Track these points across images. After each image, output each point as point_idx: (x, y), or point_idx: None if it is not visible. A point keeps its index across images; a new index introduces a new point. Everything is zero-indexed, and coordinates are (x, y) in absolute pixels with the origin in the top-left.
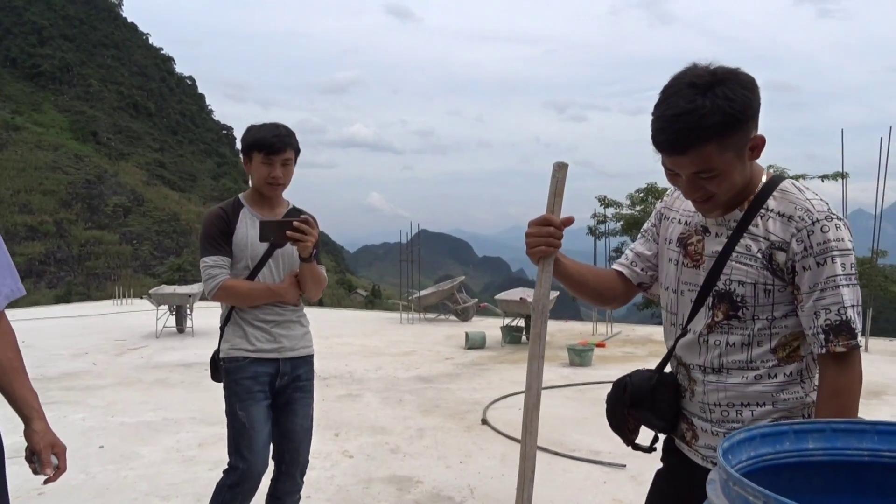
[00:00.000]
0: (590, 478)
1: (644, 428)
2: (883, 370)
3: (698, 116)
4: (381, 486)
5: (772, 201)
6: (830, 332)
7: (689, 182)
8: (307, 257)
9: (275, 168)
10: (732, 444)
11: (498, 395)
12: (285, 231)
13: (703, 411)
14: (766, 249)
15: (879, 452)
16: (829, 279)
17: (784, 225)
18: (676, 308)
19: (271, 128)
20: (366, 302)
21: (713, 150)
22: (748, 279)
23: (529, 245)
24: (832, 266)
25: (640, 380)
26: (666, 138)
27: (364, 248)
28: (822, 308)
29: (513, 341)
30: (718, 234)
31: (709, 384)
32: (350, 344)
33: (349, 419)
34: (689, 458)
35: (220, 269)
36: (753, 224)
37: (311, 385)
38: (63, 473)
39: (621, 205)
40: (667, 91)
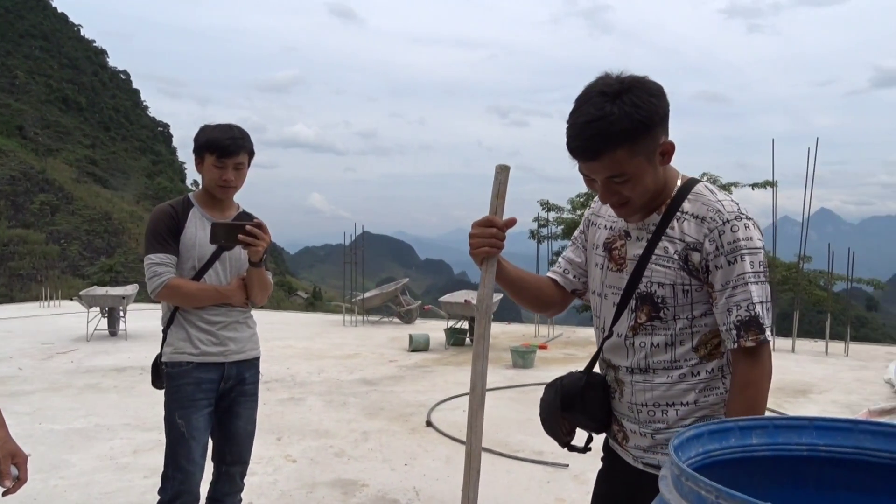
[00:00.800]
0: (533, 478)
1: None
2: (808, 369)
3: (607, 123)
4: (325, 490)
5: (687, 204)
6: (741, 327)
7: (605, 187)
8: (257, 262)
9: (227, 171)
10: (682, 440)
11: (442, 397)
12: (237, 234)
13: (631, 411)
14: (681, 251)
15: (817, 447)
16: (739, 277)
17: (698, 226)
18: (601, 311)
19: (225, 129)
20: (306, 304)
21: (623, 155)
22: (667, 280)
23: (473, 246)
24: (742, 264)
25: (571, 382)
26: (579, 145)
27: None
28: (734, 305)
29: (457, 343)
30: (639, 238)
31: (636, 385)
32: (292, 347)
33: (292, 423)
34: (622, 458)
35: (165, 268)
36: (670, 227)
37: (256, 388)
38: (24, 485)
39: (563, 209)
40: (579, 99)
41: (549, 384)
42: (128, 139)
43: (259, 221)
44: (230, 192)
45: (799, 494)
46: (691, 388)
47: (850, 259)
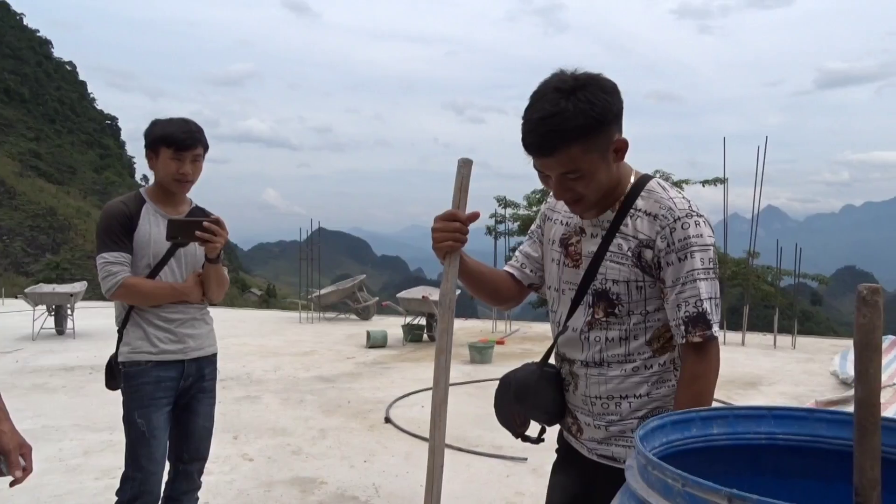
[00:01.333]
0: (493, 472)
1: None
2: (757, 362)
3: (561, 119)
4: (283, 488)
5: (640, 201)
6: (689, 322)
7: (559, 183)
8: (214, 258)
9: (184, 164)
10: (647, 431)
11: (401, 394)
12: (194, 231)
13: (585, 404)
14: (634, 248)
15: (775, 436)
16: (689, 273)
17: (650, 223)
18: (557, 306)
19: (181, 123)
20: (260, 302)
21: (577, 151)
22: (621, 277)
23: (436, 240)
24: (691, 261)
25: (525, 374)
26: (533, 140)
27: (259, 246)
28: (682, 301)
29: (414, 339)
30: (594, 234)
31: (591, 378)
32: (247, 344)
33: (248, 421)
34: (577, 450)
35: (120, 267)
36: (624, 224)
37: (214, 385)
38: (30, 475)
39: (519, 205)
40: (534, 96)
41: (503, 376)
42: (74, 132)
43: (216, 217)
44: (186, 186)
45: (758, 482)
46: (644, 381)
47: (797, 255)
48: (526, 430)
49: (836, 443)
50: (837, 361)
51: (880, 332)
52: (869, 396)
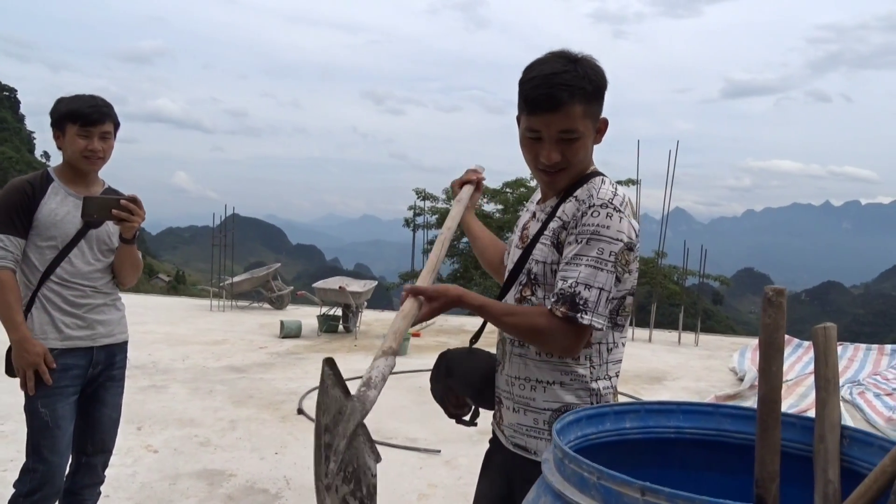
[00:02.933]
0: (406, 464)
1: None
2: (663, 358)
3: (572, 76)
4: (189, 481)
5: (578, 190)
6: (559, 299)
7: (553, 144)
8: (131, 239)
9: (93, 140)
10: (563, 425)
11: (314, 385)
12: (111, 209)
13: (507, 385)
14: (556, 228)
15: (683, 430)
16: (577, 256)
17: (574, 207)
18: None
19: (88, 99)
20: (169, 288)
21: (579, 111)
22: (541, 258)
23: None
24: (585, 246)
25: (458, 351)
26: (543, 93)
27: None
28: (561, 278)
29: (329, 330)
30: (539, 218)
31: (514, 357)
32: (154, 332)
33: (153, 412)
34: (500, 441)
35: (6, 252)
36: (561, 210)
37: (123, 373)
38: None
39: (438, 199)
40: (537, 62)
41: (440, 354)
42: None
43: (134, 196)
44: (97, 163)
45: (666, 474)
46: (556, 369)
47: (702, 256)
48: (461, 413)
49: (739, 437)
50: (736, 358)
51: (783, 331)
52: (771, 393)
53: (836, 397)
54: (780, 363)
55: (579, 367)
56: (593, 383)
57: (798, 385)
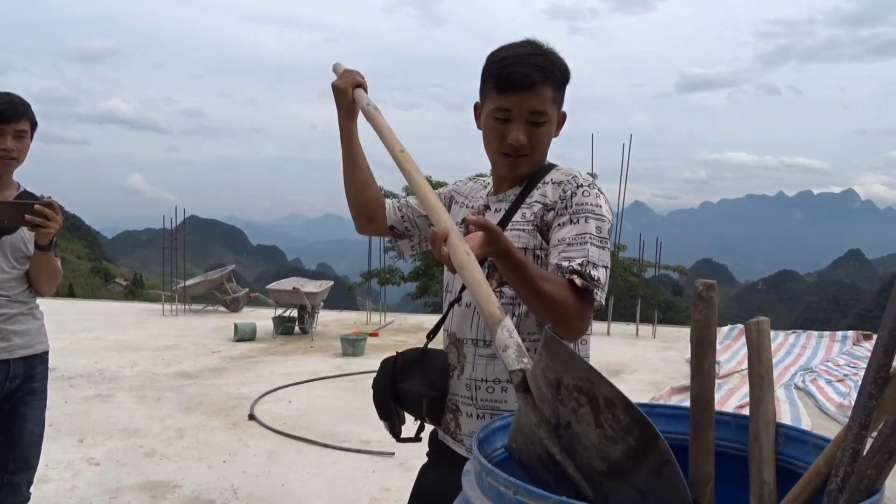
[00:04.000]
0: (359, 468)
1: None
2: (620, 351)
3: (545, 59)
4: (131, 494)
5: (547, 176)
6: (573, 273)
7: (523, 126)
8: (46, 245)
9: (6, 139)
10: (488, 433)
11: (267, 389)
12: (23, 214)
13: (469, 389)
14: (538, 211)
15: None
16: (579, 236)
17: (555, 189)
18: (452, 286)
19: (2, 96)
20: (126, 292)
21: (549, 96)
22: (520, 244)
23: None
24: (584, 224)
25: (409, 352)
26: (517, 71)
27: (124, 234)
28: (565, 258)
29: (285, 332)
30: (497, 209)
31: (479, 359)
32: (102, 339)
33: (97, 422)
34: (454, 452)
35: None
36: (531, 197)
37: (44, 386)
38: None
39: (398, 196)
40: (506, 46)
41: (384, 360)
42: None
43: (50, 200)
44: (11, 164)
45: None
46: None
47: (657, 248)
48: (402, 424)
49: (675, 438)
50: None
51: (715, 327)
52: (703, 392)
53: (771, 394)
54: (713, 361)
55: None
56: None
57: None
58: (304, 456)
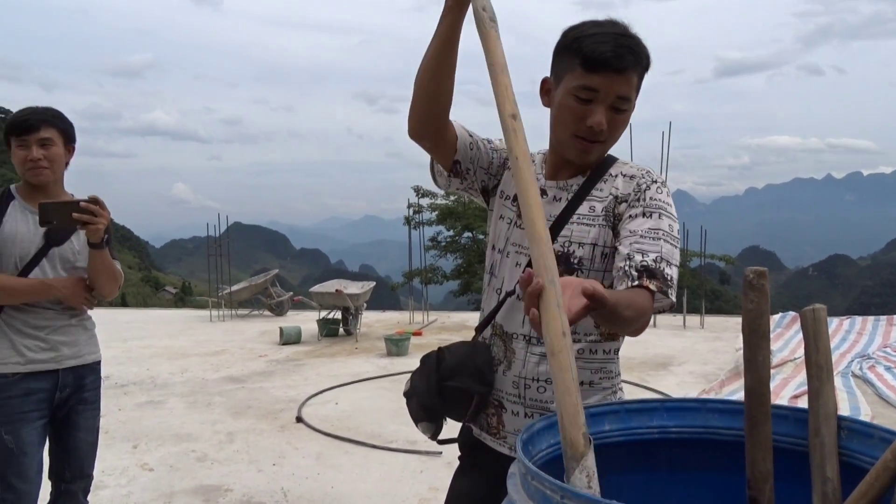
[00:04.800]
0: (407, 468)
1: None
2: (668, 343)
3: (637, 42)
4: (185, 498)
5: (614, 168)
6: (645, 271)
7: (606, 109)
8: (98, 243)
9: (31, 149)
10: (532, 433)
11: (314, 391)
12: (70, 213)
13: (516, 387)
14: (609, 205)
15: (667, 429)
16: (653, 230)
17: (627, 182)
18: (499, 270)
19: (27, 109)
20: (175, 300)
21: (636, 80)
22: (588, 240)
23: None
24: (658, 220)
25: (456, 347)
26: (612, 50)
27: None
28: (639, 251)
29: (330, 334)
30: (557, 197)
31: (531, 356)
32: (153, 346)
33: (150, 428)
34: (493, 450)
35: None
36: (597, 189)
37: (96, 395)
38: None
39: (436, 195)
40: (592, 23)
41: (424, 357)
42: None
43: (95, 196)
44: (42, 173)
45: (653, 478)
46: (586, 368)
47: (702, 237)
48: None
49: (728, 434)
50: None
51: (768, 317)
52: (758, 385)
53: (831, 385)
54: (767, 352)
55: (611, 362)
56: (616, 378)
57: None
58: (352, 457)
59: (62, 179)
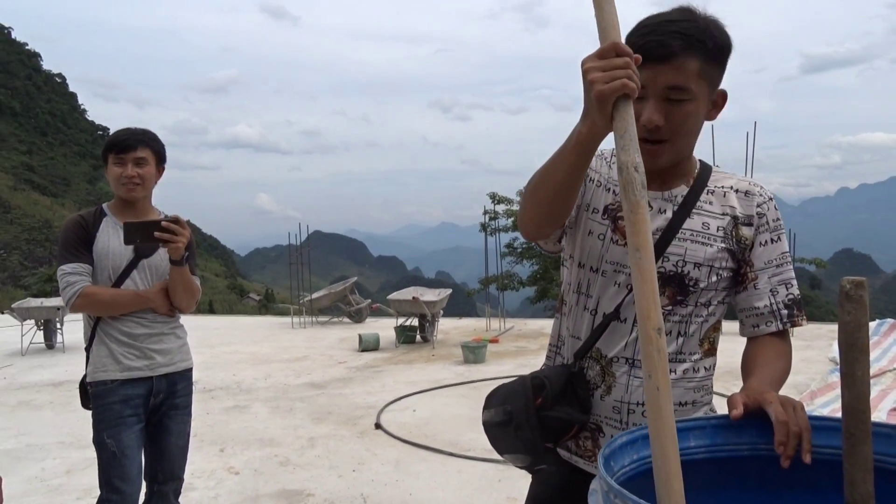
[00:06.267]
0: (485, 477)
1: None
2: (741, 351)
3: (693, 25)
4: (268, 502)
5: (717, 179)
6: (794, 306)
7: (658, 102)
8: (178, 260)
9: (127, 167)
10: (614, 449)
11: (392, 398)
12: (152, 232)
13: (616, 412)
14: (727, 225)
15: (758, 446)
16: (783, 255)
17: (743, 200)
18: (593, 289)
19: (124, 130)
20: (259, 307)
21: (694, 68)
22: (705, 260)
23: (598, 81)
24: (783, 243)
25: (555, 374)
26: (654, 39)
27: (256, 252)
28: (781, 283)
29: (407, 341)
30: (661, 209)
31: (634, 380)
32: (238, 352)
33: (236, 432)
34: (583, 471)
35: (79, 277)
36: (706, 201)
37: (187, 401)
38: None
39: (512, 201)
40: (651, 15)
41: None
42: (66, 144)
43: (175, 216)
44: (135, 190)
45: (742, 496)
46: (690, 388)
47: (791, 240)
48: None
49: (825, 452)
50: (836, 347)
51: (867, 330)
52: (857, 402)
53: None
54: (866, 366)
55: (710, 378)
56: (710, 394)
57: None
58: (430, 465)
59: (151, 197)
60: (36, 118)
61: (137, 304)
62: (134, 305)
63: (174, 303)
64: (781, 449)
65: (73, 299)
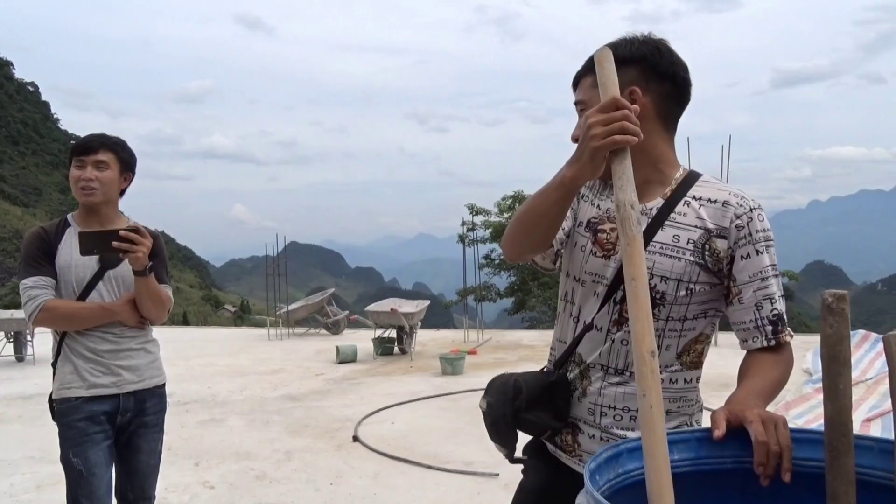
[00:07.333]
0: (463, 489)
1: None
2: (730, 362)
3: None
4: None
5: (697, 190)
6: (778, 322)
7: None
8: (141, 270)
9: (86, 169)
10: (599, 463)
11: (370, 410)
12: (110, 242)
13: (591, 414)
14: (700, 238)
15: (742, 459)
16: (767, 268)
17: (719, 211)
18: (576, 298)
19: (93, 134)
20: (235, 318)
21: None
22: (673, 274)
23: (598, 136)
24: (768, 256)
25: (534, 380)
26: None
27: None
28: (764, 298)
29: (385, 353)
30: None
31: (608, 386)
32: (213, 364)
33: (211, 446)
34: (565, 465)
35: (41, 290)
36: (678, 213)
37: (158, 419)
38: None
39: (490, 212)
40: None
41: (501, 383)
42: (38, 153)
43: (135, 225)
44: (93, 194)
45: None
46: (666, 398)
47: None
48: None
49: (807, 465)
50: (810, 358)
51: (848, 342)
52: (839, 415)
53: None
54: (848, 379)
55: (691, 391)
56: (695, 406)
57: (879, 384)
58: (409, 478)
59: (116, 205)
60: (7, 127)
61: (103, 317)
62: (99, 319)
63: (144, 314)
64: (761, 469)
65: (35, 313)
